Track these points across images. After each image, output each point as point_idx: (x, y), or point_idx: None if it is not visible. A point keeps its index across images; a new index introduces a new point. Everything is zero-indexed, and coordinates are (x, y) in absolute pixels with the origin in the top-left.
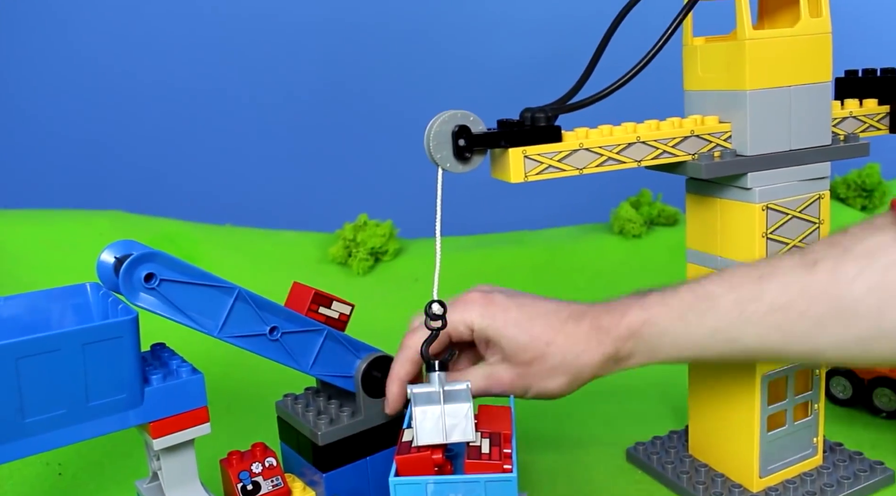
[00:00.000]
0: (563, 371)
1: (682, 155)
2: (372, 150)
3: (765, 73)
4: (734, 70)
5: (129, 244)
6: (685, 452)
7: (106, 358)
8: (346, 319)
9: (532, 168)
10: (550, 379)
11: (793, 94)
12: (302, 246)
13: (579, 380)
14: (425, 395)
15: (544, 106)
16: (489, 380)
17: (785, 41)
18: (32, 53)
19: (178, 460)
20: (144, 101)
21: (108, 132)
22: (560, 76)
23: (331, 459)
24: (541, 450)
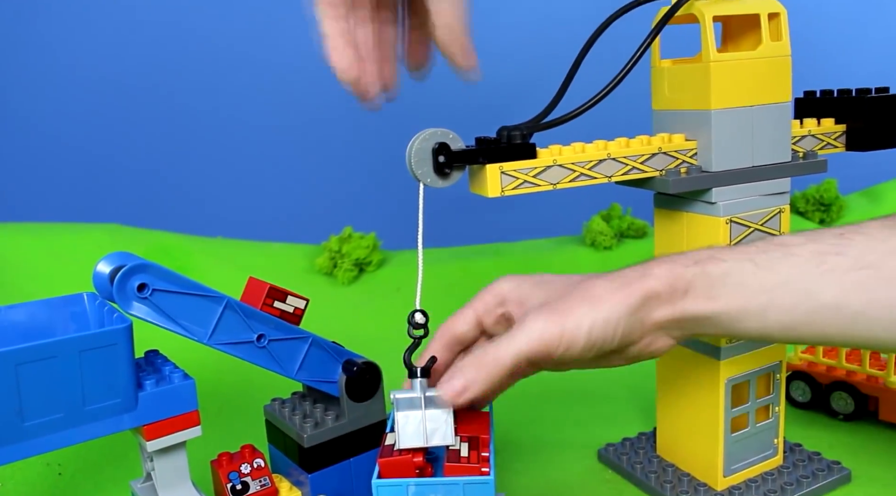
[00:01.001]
0: (609, 292)
1: (651, 171)
2: (357, 166)
3: (728, 93)
4: (699, 90)
5: (123, 256)
6: (653, 453)
7: (102, 364)
8: (301, 313)
9: (508, 183)
10: (597, 305)
11: (755, 114)
12: (290, 257)
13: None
14: (407, 401)
15: (520, 124)
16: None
17: (747, 63)
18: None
19: (171, 461)
20: (140, 119)
21: (105, 148)
22: (534, 96)
23: (316, 460)
24: (517, 453)
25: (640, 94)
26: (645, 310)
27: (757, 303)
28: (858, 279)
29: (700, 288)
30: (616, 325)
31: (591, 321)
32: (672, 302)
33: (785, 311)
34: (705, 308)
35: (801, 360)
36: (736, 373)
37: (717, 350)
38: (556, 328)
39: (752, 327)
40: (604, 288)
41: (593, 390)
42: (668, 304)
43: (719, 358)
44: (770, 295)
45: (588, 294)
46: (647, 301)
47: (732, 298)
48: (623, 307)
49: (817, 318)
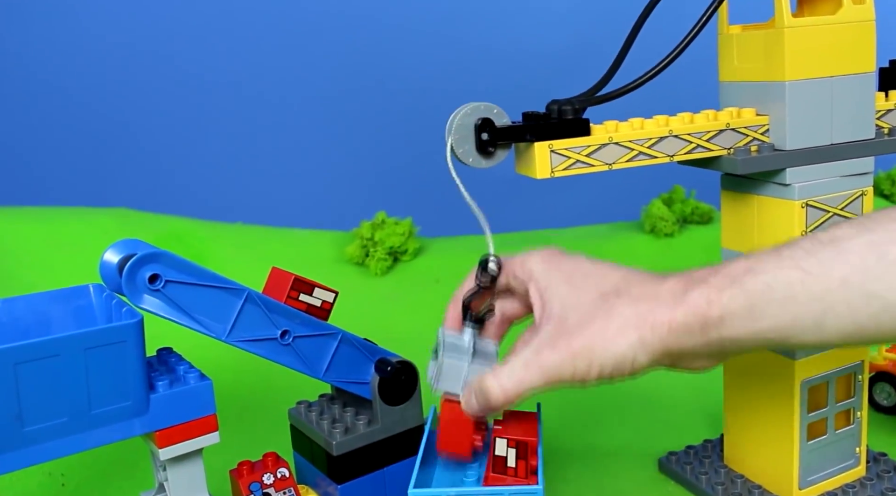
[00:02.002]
0: (630, 327)
1: (717, 149)
2: (391, 145)
3: (805, 62)
4: (772, 60)
5: (133, 243)
6: (720, 462)
7: (109, 363)
8: (329, 307)
9: (559, 163)
10: (614, 340)
11: (834, 85)
12: (317, 245)
13: (651, 344)
14: (454, 346)
15: (572, 98)
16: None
17: (826, 29)
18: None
19: (186, 471)
20: (151, 93)
21: (113, 125)
22: (588, 67)
23: (346, 470)
24: (569, 460)
25: (706, 64)
26: (674, 344)
27: (811, 315)
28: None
29: (739, 311)
30: (632, 364)
31: (603, 363)
32: (706, 331)
33: (845, 318)
34: (748, 331)
35: (886, 360)
36: (813, 374)
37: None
38: (569, 366)
39: (808, 340)
40: (627, 321)
41: (654, 393)
42: (702, 334)
43: (794, 357)
44: (824, 304)
45: (607, 328)
46: (673, 335)
47: (780, 316)
48: (639, 346)
49: (885, 319)
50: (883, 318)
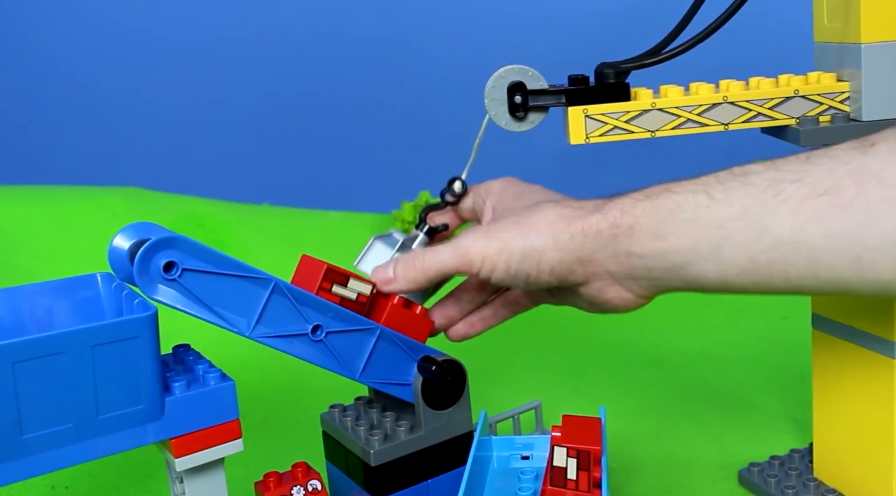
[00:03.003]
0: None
1: (783, 118)
2: (435, 116)
3: (886, 22)
4: (851, 18)
5: (146, 227)
6: (810, 475)
7: (119, 362)
8: (366, 301)
9: (595, 129)
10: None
11: None
12: (352, 229)
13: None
14: (392, 238)
15: (617, 61)
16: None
17: None
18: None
19: (206, 483)
20: (165, 59)
21: (123, 94)
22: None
23: (386, 482)
24: (637, 472)
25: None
26: (584, 250)
27: (710, 240)
28: (815, 207)
29: (647, 224)
30: (539, 259)
31: (512, 249)
32: (615, 240)
33: (740, 249)
34: (652, 248)
35: None
36: None
37: (891, 345)
38: (481, 248)
39: (708, 271)
40: (546, 217)
41: (734, 396)
42: (612, 243)
43: (894, 355)
44: (723, 230)
45: (527, 221)
46: (586, 239)
47: (683, 236)
48: (550, 241)
49: (776, 257)
50: (773, 256)
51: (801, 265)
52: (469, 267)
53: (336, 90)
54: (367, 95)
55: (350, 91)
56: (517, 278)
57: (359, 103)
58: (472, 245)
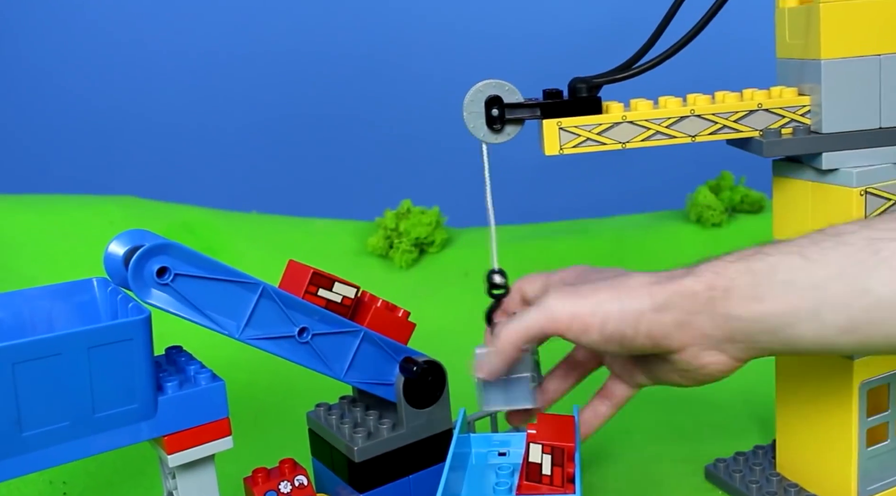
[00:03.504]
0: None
1: (747, 130)
2: (416, 128)
3: (846, 39)
4: (811, 36)
5: (140, 234)
6: (772, 470)
7: (114, 363)
8: (351, 304)
9: (568, 140)
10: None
11: (884, 64)
12: (337, 236)
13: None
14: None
15: (590, 76)
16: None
17: (873, 3)
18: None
19: (197, 478)
20: (159, 74)
21: (119, 107)
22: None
23: (369, 478)
24: (609, 467)
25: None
26: (682, 312)
27: (808, 302)
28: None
29: (743, 287)
30: (637, 320)
31: (608, 309)
32: (713, 303)
33: (840, 309)
34: (750, 310)
35: None
36: (872, 375)
37: None
38: (570, 308)
39: (808, 333)
40: (638, 281)
41: (700, 396)
42: (709, 306)
43: (852, 357)
44: (821, 292)
45: (618, 283)
46: (683, 300)
47: (780, 298)
48: (647, 301)
49: (877, 316)
50: (874, 315)
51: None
52: (556, 325)
53: (322, 105)
54: (351, 110)
55: (335, 106)
56: (611, 340)
57: (344, 117)
58: (558, 304)
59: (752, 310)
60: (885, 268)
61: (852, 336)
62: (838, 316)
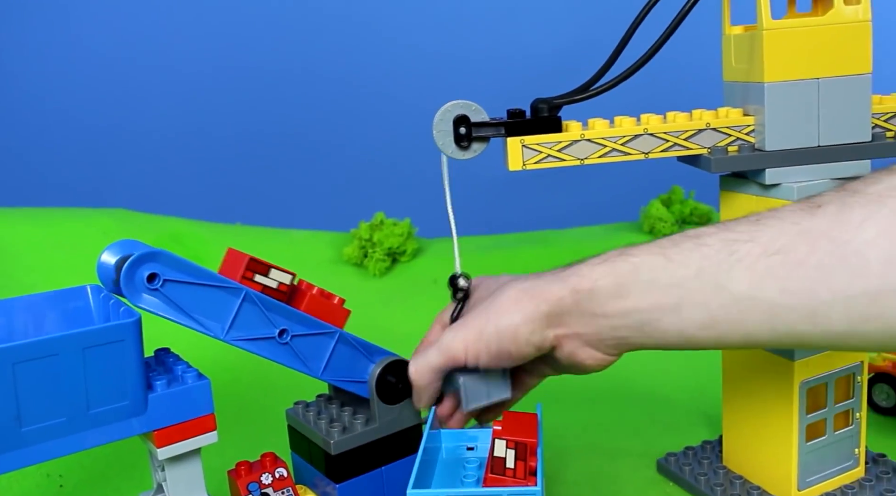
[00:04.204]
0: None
1: (696, 148)
2: (389, 145)
3: (787, 64)
4: (755, 61)
5: (131, 244)
6: (719, 463)
7: (107, 363)
8: (287, 290)
9: (530, 157)
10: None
11: (822, 87)
12: (315, 246)
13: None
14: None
15: (551, 97)
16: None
17: (812, 31)
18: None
19: (184, 471)
20: (149, 94)
21: (111, 126)
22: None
23: (344, 469)
24: (567, 461)
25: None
26: (552, 318)
27: (669, 299)
28: (769, 266)
29: (607, 286)
30: (514, 335)
31: (489, 333)
32: (578, 304)
33: (700, 307)
34: (615, 308)
35: (886, 361)
36: (811, 375)
37: (791, 349)
38: (460, 341)
39: (670, 328)
40: (511, 298)
41: (652, 393)
42: (575, 308)
43: (793, 358)
44: (682, 289)
45: (494, 305)
46: (549, 307)
47: (643, 295)
48: (517, 316)
49: (735, 313)
50: (731, 311)
51: (758, 320)
52: (455, 360)
53: (302, 124)
54: (329, 128)
55: (315, 125)
56: (501, 357)
57: (322, 135)
58: (452, 340)
59: (615, 307)
60: (740, 268)
61: (711, 331)
62: (697, 312)
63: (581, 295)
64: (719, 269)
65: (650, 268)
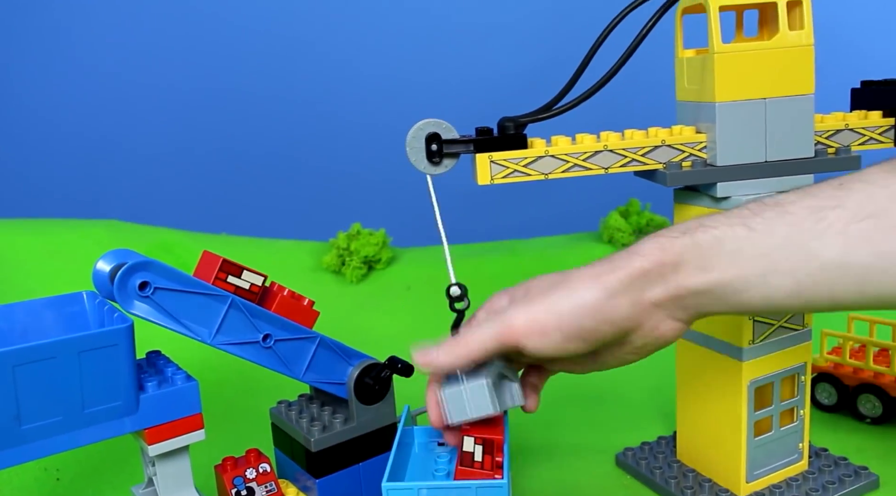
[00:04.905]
0: (587, 279)
1: (653, 163)
2: (365, 160)
3: (736, 85)
4: (706, 82)
5: (124, 253)
6: (673, 458)
7: (102, 365)
8: (259, 291)
9: (498, 172)
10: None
11: (769, 106)
12: (296, 254)
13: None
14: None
15: (517, 116)
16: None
17: (760, 54)
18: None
19: (174, 466)
20: (140, 112)
21: (105, 141)
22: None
23: (324, 465)
24: (532, 456)
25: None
26: (636, 292)
27: (756, 269)
28: (861, 231)
29: (691, 260)
30: (595, 310)
31: (562, 306)
32: (664, 278)
33: (788, 275)
34: (702, 281)
35: (828, 362)
36: (759, 375)
37: (740, 351)
38: (524, 314)
39: (756, 297)
40: (585, 275)
41: (611, 392)
42: (661, 281)
43: (742, 359)
44: (768, 259)
45: (567, 284)
46: (634, 281)
47: (728, 267)
48: (601, 292)
49: (823, 279)
50: (819, 279)
51: (849, 285)
52: (512, 333)
53: (283, 140)
54: (309, 144)
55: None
56: (572, 336)
57: (302, 150)
58: (515, 315)
59: (703, 281)
60: (831, 233)
61: (798, 299)
62: (785, 281)
63: (666, 268)
64: (808, 236)
65: (733, 238)
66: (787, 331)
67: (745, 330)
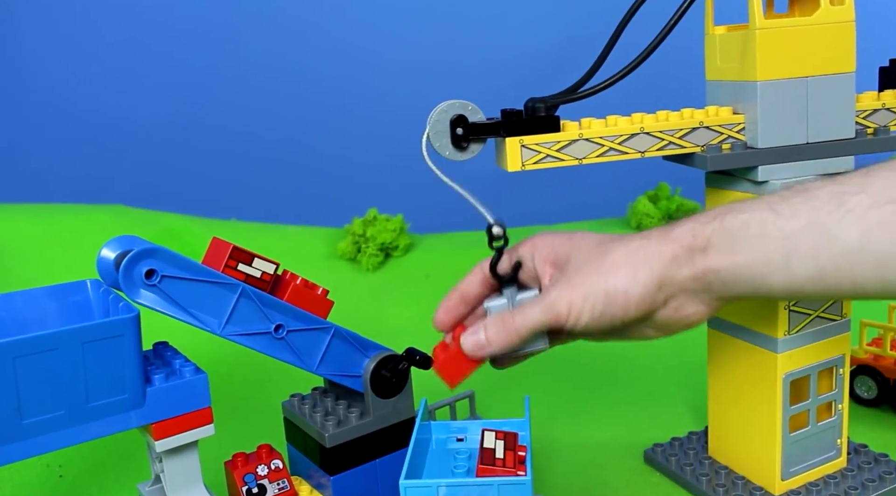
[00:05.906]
0: (621, 262)
1: (690, 146)
2: (382, 143)
3: (778, 63)
4: (746, 60)
5: (130, 240)
6: (705, 454)
7: (106, 357)
8: (271, 279)
9: (529, 157)
10: (608, 275)
11: (811, 85)
12: (309, 241)
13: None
14: (499, 308)
15: (547, 96)
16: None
17: (801, 30)
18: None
19: (182, 462)
20: (147, 94)
21: (110, 123)
22: (579, 65)
23: (339, 461)
24: (556, 452)
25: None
26: (663, 274)
27: (779, 252)
28: (881, 216)
29: (720, 243)
30: (626, 298)
31: (596, 293)
32: (692, 260)
33: (809, 259)
34: (727, 263)
35: (867, 354)
36: (795, 368)
37: (775, 342)
38: (566, 300)
39: (778, 281)
40: (621, 260)
41: (640, 386)
42: (689, 264)
43: (777, 351)
44: (791, 242)
45: (603, 264)
46: (663, 266)
47: (754, 250)
48: (631, 278)
49: (844, 264)
50: (841, 264)
51: (869, 271)
52: (558, 319)
53: (296, 123)
54: (323, 126)
55: (308, 123)
56: (603, 320)
57: (316, 133)
58: (559, 298)
59: (728, 263)
60: (850, 218)
61: (820, 284)
62: (807, 265)
63: (696, 252)
64: (829, 220)
65: (759, 222)
66: (825, 322)
67: (781, 320)
